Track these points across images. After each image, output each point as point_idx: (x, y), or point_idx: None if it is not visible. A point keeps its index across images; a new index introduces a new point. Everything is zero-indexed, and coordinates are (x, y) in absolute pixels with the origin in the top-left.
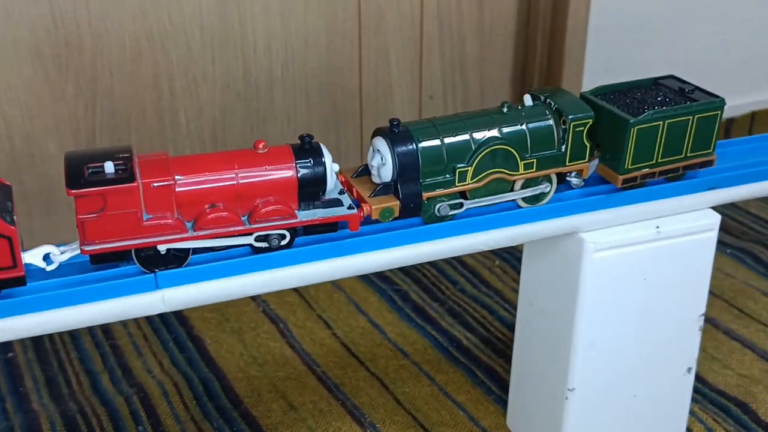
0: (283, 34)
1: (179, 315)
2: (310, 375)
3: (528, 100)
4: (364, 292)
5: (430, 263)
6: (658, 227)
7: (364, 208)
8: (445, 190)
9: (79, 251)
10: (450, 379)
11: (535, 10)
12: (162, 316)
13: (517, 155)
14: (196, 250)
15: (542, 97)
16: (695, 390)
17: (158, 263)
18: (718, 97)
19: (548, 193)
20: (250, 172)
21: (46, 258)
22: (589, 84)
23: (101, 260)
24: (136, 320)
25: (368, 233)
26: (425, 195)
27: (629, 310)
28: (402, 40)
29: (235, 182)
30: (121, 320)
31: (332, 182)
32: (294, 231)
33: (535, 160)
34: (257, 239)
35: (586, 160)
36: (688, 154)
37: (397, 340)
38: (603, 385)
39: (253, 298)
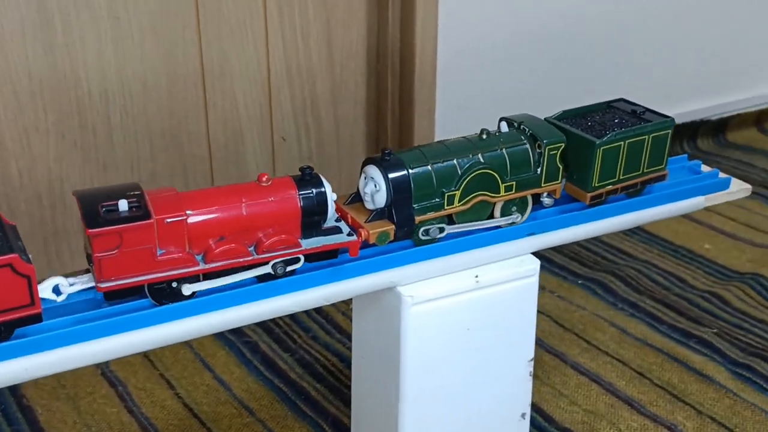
0: (119, 79)
1: None
2: None
3: (504, 126)
4: (212, 346)
5: None
6: (477, 276)
7: (362, 234)
8: (436, 214)
9: (87, 285)
10: None
11: (383, 48)
12: None
13: (498, 178)
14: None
15: (516, 124)
16: (542, 430)
17: (169, 296)
18: (668, 117)
19: (525, 212)
20: (256, 204)
21: (55, 290)
22: (442, 118)
23: (115, 296)
24: None
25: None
26: (417, 218)
27: (455, 360)
28: (249, 81)
29: (242, 214)
30: None
31: (332, 211)
32: (297, 259)
33: (514, 183)
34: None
35: (559, 180)
36: (644, 170)
37: (243, 396)
38: None
39: None
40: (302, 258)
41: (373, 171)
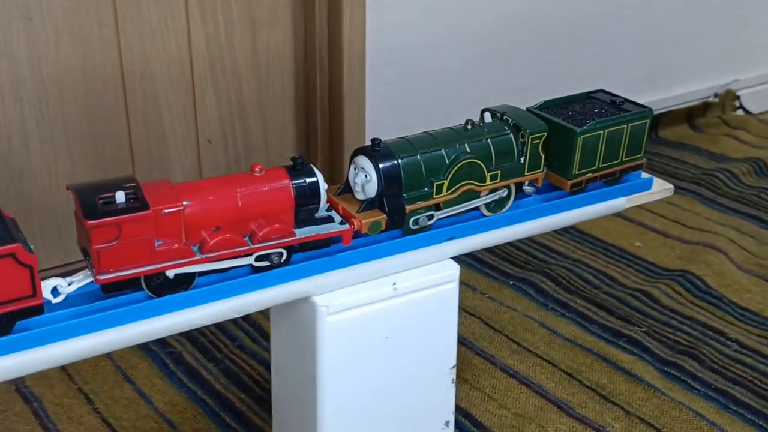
0: (33, 82)
1: None
2: None
3: (488, 117)
4: (134, 357)
5: None
6: (395, 284)
7: (354, 223)
8: (425, 203)
9: (85, 282)
10: None
11: (311, 48)
12: None
13: (484, 168)
14: (201, 273)
15: (498, 114)
16: None
17: (167, 288)
18: (645, 107)
19: (509, 200)
20: (251, 194)
21: (54, 291)
22: (373, 117)
23: (113, 289)
24: None
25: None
26: (407, 208)
27: (375, 370)
28: (172, 83)
29: (238, 204)
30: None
31: (324, 199)
32: (291, 248)
33: (499, 172)
34: (258, 258)
35: (541, 169)
36: (623, 159)
37: (165, 409)
38: None
39: None
40: (294, 247)
41: (364, 161)
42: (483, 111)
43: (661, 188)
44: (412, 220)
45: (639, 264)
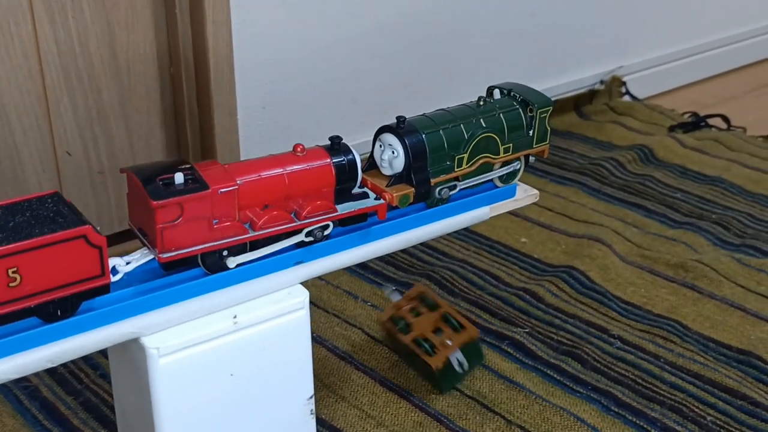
0: None
1: None
2: None
3: (497, 93)
4: None
5: None
6: (235, 317)
7: (386, 197)
8: (446, 176)
9: (143, 261)
10: None
11: (175, 50)
12: None
13: (499, 141)
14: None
15: (506, 91)
16: None
17: (220, 264)
18: None
19: (518, 171)
20: (296, 172)
21: (112, 270)
22: (246, 119)
23: (172, 266)
24: None
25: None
26: (432, 181)
27: (222, 410)
28: (21, 94)
29: (285, 183)
30: None
31: (360, 176)
32: (332, 223)
33: (511, 145)
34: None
35: (547, 142)
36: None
37: None
38: None
39: None
40: (334, 223)
41: (391, 138)
42: (490, 88)
43: (525, 194)
44: (437, 191)
45: (524, 261)
